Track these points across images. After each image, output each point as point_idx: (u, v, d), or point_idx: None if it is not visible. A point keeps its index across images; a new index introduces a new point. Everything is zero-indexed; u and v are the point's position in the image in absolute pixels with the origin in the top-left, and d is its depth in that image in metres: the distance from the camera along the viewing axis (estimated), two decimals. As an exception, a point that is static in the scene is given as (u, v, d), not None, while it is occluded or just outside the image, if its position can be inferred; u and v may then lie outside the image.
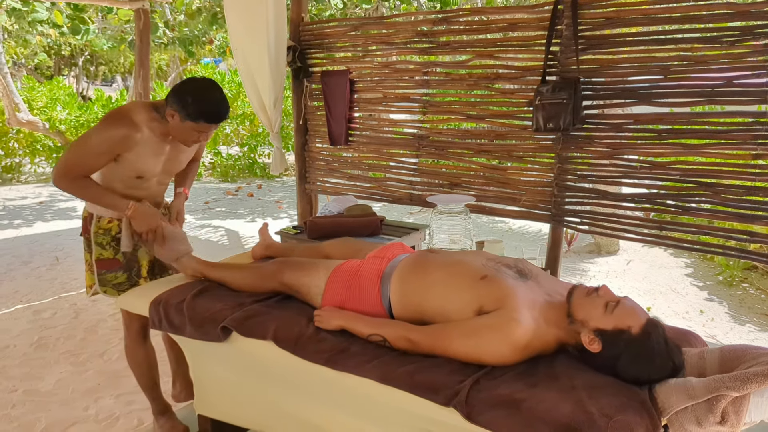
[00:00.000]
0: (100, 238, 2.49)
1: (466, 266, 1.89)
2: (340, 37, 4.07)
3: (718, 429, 1.38)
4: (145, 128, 2.32)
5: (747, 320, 4.22)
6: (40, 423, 2.79)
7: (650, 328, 1.58)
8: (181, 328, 2.11)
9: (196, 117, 2.26)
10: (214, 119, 2.30)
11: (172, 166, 2.56)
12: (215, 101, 2.31)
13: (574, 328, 1.66)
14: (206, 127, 2.31)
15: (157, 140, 2.38)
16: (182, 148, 2.53)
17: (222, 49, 11.43)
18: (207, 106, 2.28)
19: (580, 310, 1.66)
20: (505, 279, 1.79)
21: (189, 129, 2.30)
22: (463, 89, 3.77)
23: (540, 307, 1.73)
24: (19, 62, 16.02)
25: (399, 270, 1.99)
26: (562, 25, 3.09)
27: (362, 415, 1.81)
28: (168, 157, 2.49)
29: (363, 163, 4.27)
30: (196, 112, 2.25)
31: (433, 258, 2.00)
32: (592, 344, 1.61)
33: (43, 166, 10.86)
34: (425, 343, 1.76)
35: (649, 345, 1.56)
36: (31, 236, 6.43)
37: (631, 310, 1.62)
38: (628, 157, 3.08)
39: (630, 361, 1.56)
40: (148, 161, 2.41)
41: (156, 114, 2.36)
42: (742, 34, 2.68)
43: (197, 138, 2.36)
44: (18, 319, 4.04)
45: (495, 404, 1.50)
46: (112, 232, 2.49)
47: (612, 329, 1.59)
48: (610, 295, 1.67)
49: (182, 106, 2.25)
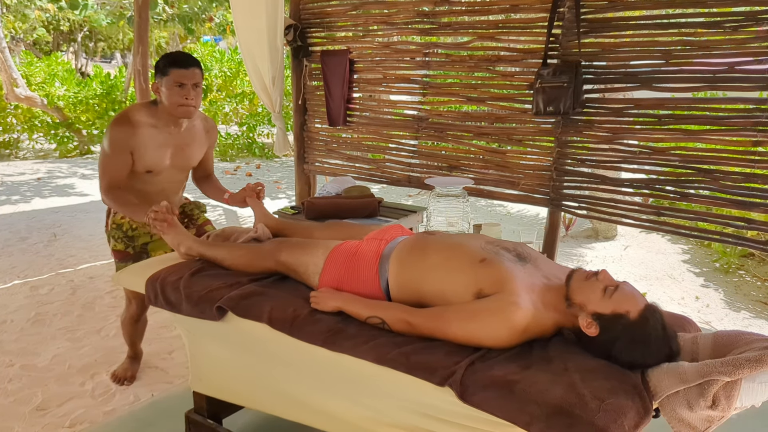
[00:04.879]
0: (114, 231, 2.73)
1: (465, 249, 1.88)
2: (340, 16, 4.04)
3: (709, 413, 1.39)
4: (145, 123, 2.54)
5: (742, 307, 4.23)
6: (37, 398, 2.81)
7: (648, 314, 1.58)
8: (177, 305, 2.11)
9: (166, 67, 2.47)
10: (180, 63, 2.49)
11: (181, 160, 2.71)
12: (175, 53, 2.57)
13: (572, 312, 1.66)
14: (179, 74, 2.47)
15: (158, 132, 2.57)
16: (188, 141, 2.69)
17: (222, 27, 11.35)
18: (169, 57, 2.52)
19: (579, 294, 1.66)
20: (504, 262, 1.79)
21: (170, 88, 2.49)
22: (464, 71, 3.75)
23: (538, 290, 1.73)
24: (18, 37, 15.93)
25: (397, 252, 1.98)
26: (564, 8, 3.07)
27: (357, 396, 1.82)
28: (174, 150, 2.66)
29: (362, 145, 4.26)
30: (164, 66, 2.48)
31: (432, 240, 1.99)
32: (590, 328, 1.61)
33: (41, 142, 10.82)
34: (424, 325, 1.76)
35: (647, 330, 1.56)
36: (29, 212, 6.42)
37: (630, 295, 1.62)
38: (628, 142, 3.08)
39: (626, 346, 1.56)
40: (155, 154, 2.58)
41: (153, 107, 2.59)
42: (745, 19, 2.66)
43: (181, 95, 2.49)
44: (15, 295, 4.05)
45: (488, 385, 1.51)
46: (123, 227, 2.71)
47: (610, 313, 1.59)
48: (610, 280, 1.66)
49: (157, 70, 2.51)
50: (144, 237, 2.72)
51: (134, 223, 2.70)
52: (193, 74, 2.51)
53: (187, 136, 2.68)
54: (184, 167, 2.77)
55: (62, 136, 10.18)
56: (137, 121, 2.52)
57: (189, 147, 2.71)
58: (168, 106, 2.52)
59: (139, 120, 2.53)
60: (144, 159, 2.56)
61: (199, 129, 2.74)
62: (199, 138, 2.75)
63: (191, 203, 2.96)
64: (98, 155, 2.60)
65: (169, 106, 2.51)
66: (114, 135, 2.50)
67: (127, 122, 2.51)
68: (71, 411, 2.71)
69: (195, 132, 2.72)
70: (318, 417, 1.95)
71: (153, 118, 2.56)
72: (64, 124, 10.03)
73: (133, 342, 2.99)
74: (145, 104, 2.61)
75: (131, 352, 3.03)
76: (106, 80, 10.47)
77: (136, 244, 2.71)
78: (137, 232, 2.71)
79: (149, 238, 2.72)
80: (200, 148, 2.79)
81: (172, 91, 2.48)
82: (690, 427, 1.42)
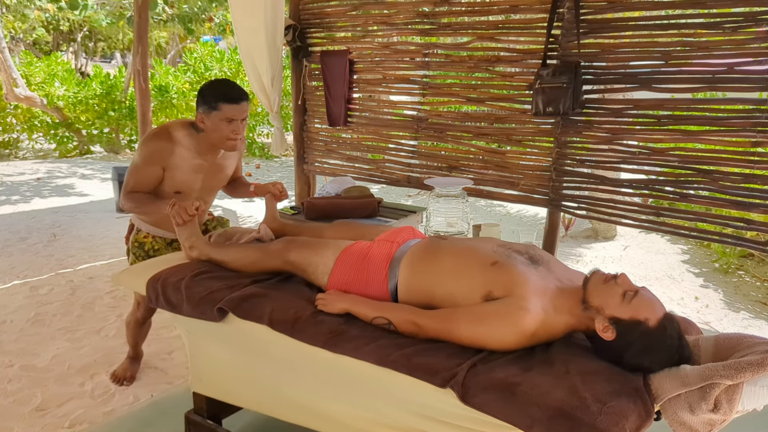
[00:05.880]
0: (135, 249, 2.72)
1: (476, 252, 1.87)
2: (340, 17, 4.04)
3: (711, 417, 1.39)
4: (183, 143, 2.48)
5: (741, 307, 4.23)
6: (36, 398, 2.81)
7: (666, 322, 1.56)
8: (177, 306, 2.11)
9: (216, 101, 2.38)
10: (231, 99, 2.39)
11: (212, 183, 2.68)
12: (227, 85, 2.44)
13: (588, 315, 1.64)
14: (230, 110, 2.39)
15: (195, 156, 2.52)
16: (221, 166, 2.64)
17: (222, 27, 11.33)
18: (221, 90, 2.40)
19: (597, 297, 1.63)
20: (516, 265, 1.77)
21: (218, 123, 2.40)
22: (464, 71, 3.75)
23: (551, 294, 1.71)
24: (17, 37, 15.90)
25: (409, 255, 1.97)
26: (563, 8, 3.06)
27: (357, 398, 1.82)
28: (207, 175, 2.61)
29: (362, 145, 4.26)
30: (214, 99, 2.38)
31: (444, 245, 1.97)
32: (606, 332, 1.59)
33: (40, 142, 10.81)
34: (431, 327, 1.75)
35: (663, 339, 1.54)
36: (29, 212, 6.42)
37: (650, 301, 1.59)
38: (627, 143, 3.08)
39: (639, 352, 1.55)
40: (187, 177, 2.54)
41: (192, 130, 2.51)
42: (744, 20, 2.66)
43: (230, 130, 2.42)
44: (15, 295, 4.05)
45: (489, 387, 1.51)
46: (145, 247, 2.70)
47: (628, 319, 1.57)
48: (629, 284, 1.63)
49: (203, 101, 2.40)
50: None
51: (156, 245, 2.69)
52: (244, 109, 2.44)
53: (222, 160, 2.64)
54: (214, 189, 2.74)
55: (62, 136, 10.17)
56: (177, 140, 2.46)
57: (222, 171, 2.68)
58: (214, 140, 2.45)
59: (179, 139, 2.47)
60: (174, 179, 2.51)
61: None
62: (232, 159, 2.72)
63: (214, 219, 2.93)
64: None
65: (215, 140, 2.45)
66: (150, 147, 2.45)
67: (167, 137, 2.46)
68: (71, 411, 2.71)
69: (229, 155, 2.67)
70: (318, 419, 1.94)
71: (192, 141, 2.49)
72: (63, 124, 10.03)
73: (135, 343, 3.00)
74: (185, 124, 2.53)
75: (132, 353, 3.03)
76: (105, 80, 10.46)
77: None
78: (159, 253, 2.69)
79: None
80: (232, 167, 2.75)
81: (221, 125, 2.40)
82: (691, 430, 1.42)
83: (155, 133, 2.50)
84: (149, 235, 2.70)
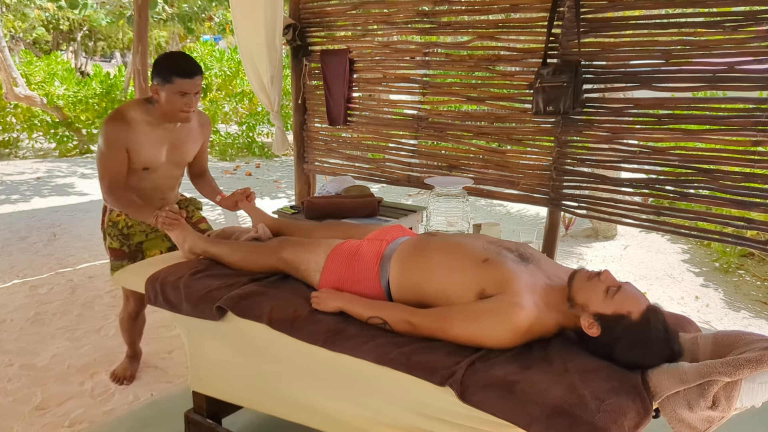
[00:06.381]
0: (110, 229, 2.71)
1: (467, 249, 1.87)
2: (340, 16, 4.04)
3: (709, 414, 1.39)
4: (140, 120, 2.52)
5: (742, 306, 4.23)
6: (36, 397, 2.81)
7: (650, 315, 1.57)
8: (177, 305, 2.11)
9: (170, 74, 2.41)
10: (184, 73, 2.43)
11: (177, 156, 2.70)
12: (179, 58, 2.50)
13: (574, 312, 1.65)
14: (183, 83, 2.42)
15: (154, 129, 2.55)
16: (183, 137, 2.67)
17: (222, 27, 11.35)
18: (173, 63, 2.45)
19: (581, 294, 1.65)
20: (506, 262, 1.78)
21: (171, 95, 2.44)
22: (464, 71, 3.75)
23: (541, 291, 1.72)
24: (17, 36, 15.92)
25: (399, 252, 1.97)
26: (564, 7, 3.06)
27: (356, 396, 1.82)
28: (170, 147, 2.64)
29: (362, 144, 4.26)
30: (168, 70, 2.42)
31: (434, 241, 1.98)
32: (591, 328, 1.60)
33: (40, 141, 10.81)
34: (426, 326, 1.75)
35: (648, 331, 1.55)
36: (29, 212, 6.42)
37: (632, 295, 1.61)
38: (628, 142, 3.08)
39: (628, 347, 1.56)
40: (151, 151, 2.57)
41: (148, 104, 2.55)
42: (745, 19, 2.66)
43: (183, 103, 2.47)
44: (14, 294, 4.05)
45: (488, 385, 1.51)
46: (119, 225, 2.69)
47: (612, 314, 1.58)
48: (612, 280, 1.65)
49: (157, 74, 2.44)
50: (139, 235, 2.70)
51: (130, 221, 2.69)
52: (197, 83, 2.47)
53: (182, 132, 2.67)
54: (179, 163, 2.75)
55: (62, 136, 10.17)
56: (132, 118, 2.50)
57: (184, 143, 2.70)
58: (167, 111, 2.49)
59: (133, 117, 2.50)
60: (140, 156, 2.54)
61: (193, 124, 2.72)
62: (194, 134, 2.74)
63: (186, 200, 2.94)
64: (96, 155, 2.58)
65: (169, 112, 2.49)
66: (108, 131, 2.48)
67: (121, 119, 2.49)
68: (71, 410, 2.71)
69: (190, 128, 2.70)
70: (317, 417, 1.94)
71: (148, 115, 2.53)
72: (63, 123, 10.02)
73: (132, 341, 2.99)
74: (139, 101, 2.57)
75: (130, 352, 3.03)
76: (105, 79, 10.46)
77: (131, 243, 2.70)
78: (133, 230, 2.70)
79: (144, 236, 2.71)
80: (195, 143, 2.77)
81: (174, 98, 2.44)
82: (690, 427, 1.42)
83: (111, 117, 2.52)
84: (121, 213, 2.69)
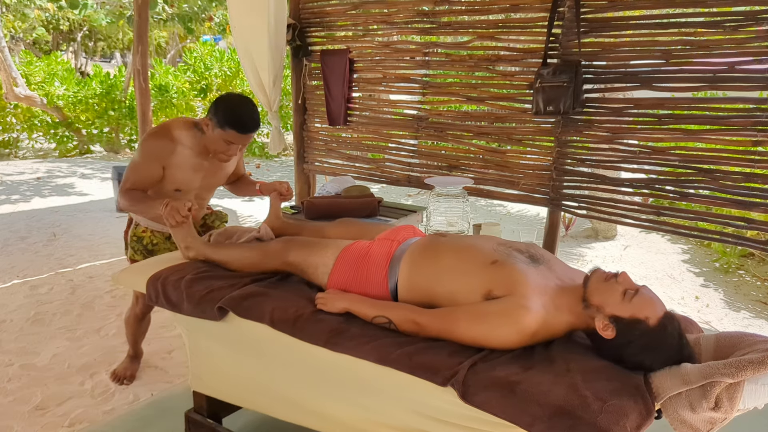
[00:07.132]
0: (134, 243, 2.73)
1: (477, 251, 1.86)
2: (340, 16, 4.04)
3: (712, 415, 1.39)
4: (184, 142, 2.49)
5: (742, 307, 4.23)
6: (36, 397, 2.80)
7: (667, 321, 1.55)
8: (178, 305, 2.11)
9: (224, 125, 2.38)
10: (240, 128, 2.40)
11: (211, 182, 2.69)
12: (244, 112, 2.43)
13: (589, 313, 1.63)
14: (233, 136, 2.41)
15: (195, 155, 2.53)
16: (220, 166, 2.66)
17: (222, 27, 11.34)
18: (235, 115, 2.39)
19: (597, 295, 1.63)
20: (516, 264, 1.76)
21: (219, 138, 2.42)
22: (464, 71, 3.74)
23: (551, 292, 1.71)
24: (17, 36, 15.92)
25: (409, 254, 1.96)
26: (564, 7, 3.06)
27: (358, 397, 1.82)
28: (206, 174, 2.62)
29: (362, 144, 4.26)
30: (225, 120, 2.37)
31: (444, 242, 1.97)
32: (606, 330, 1.58)
33: (40, 141, 10.81)
34: (432, 326, 1.74)
35: (664, 338, 1.54)
36: (29, 212, 6.42)
37: (650, 300, 1.59)
38: (628, 142, 3.08)
39: (640, 350, 1.55)
40: (186, 175, 2.55)
41: (196, 131, 2.51)
42: (745, 19, 2.66)
43: (226, 150, 2.46)
44: (14, 294, 4.05)
45: (490, 385, 1.50)
46: (144, 241, 2.71)
47: (629, 317, 1.56)
48: (629, 283, 1.63)
49: (214, 114, 2.39)
50: (163, 252, 2.69)
51: (155, 239, 2.70)
52: (248, 139, 2.46)
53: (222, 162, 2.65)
54: (212, 187, 2.75)
55: (62, 136, 10.17)
56: (176, 138, 2.47)
57: (221, 170, 2.68)
58: (210, 147, 2.47)
59: (178, 138, 2.47)
60: (175, 177, 2.51)
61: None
62: (232, 162, 2.72)
63: (213, 214, 2.91)
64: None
65: (211, 147, 2.47)
66: (150, 146, 2.46)
67: (167, 136, 2.46)
68: (71, 410, 2.71)
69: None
70: (318, 418, 1.94)
71: (193, 140, 2.50)
72: (63, 123, 10.02)
73: (135, 341, 3.00)
74: (188, 123, 2.53)
75: (132, 351, 3.03)
76: (105, 80, 10.46)
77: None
78: (158, 247, 2.70)
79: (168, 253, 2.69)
80: (232, 165, 2.75)
81: (220, 142, 2.42)
82: (692, 428, 1.42)
83: (156, 131, 2.49)
84: (147, 229, 2.70)
